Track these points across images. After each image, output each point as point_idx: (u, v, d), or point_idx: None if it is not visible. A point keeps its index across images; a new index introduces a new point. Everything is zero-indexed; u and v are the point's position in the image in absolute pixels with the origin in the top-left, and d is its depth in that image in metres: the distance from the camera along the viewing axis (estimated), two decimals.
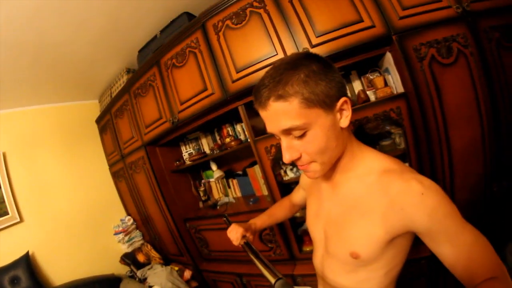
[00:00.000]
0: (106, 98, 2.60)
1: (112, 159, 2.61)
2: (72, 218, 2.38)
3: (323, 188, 0.73)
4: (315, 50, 1.27)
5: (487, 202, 1.28)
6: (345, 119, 0.57)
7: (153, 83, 1.87)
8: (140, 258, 2.36)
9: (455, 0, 1.17)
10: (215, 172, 2.13)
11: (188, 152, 2.22)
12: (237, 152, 1.85)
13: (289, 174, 1.60)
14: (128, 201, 2.63)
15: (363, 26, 1.21)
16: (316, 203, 0.78)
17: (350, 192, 0.64)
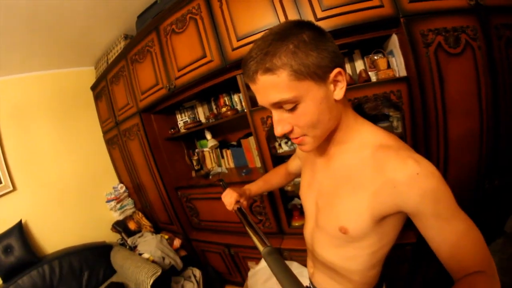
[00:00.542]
0: (102, 64, 2.53)
1: (106, 126, 2.59)
2: (65, 186, 2.38)
3: (318, 159, 0.72)
4: (319, 23, 1.23)
5: (478, 197, 1.30)
6: (339, 91, 0.53)
7: (151, 49, 1.82)
8: (131, 226, 2.39)
9: None
10: (210, 141, 2.13)
11: (183, 120, 2.21)
12: (233, 122, 1.84)
13: (283, 147, 1.60)
14: (121, 168, 2.64)
15: (371, 5, 1.17)
16: (309, 174, 0.77)
17: (343, 165, 0.62)
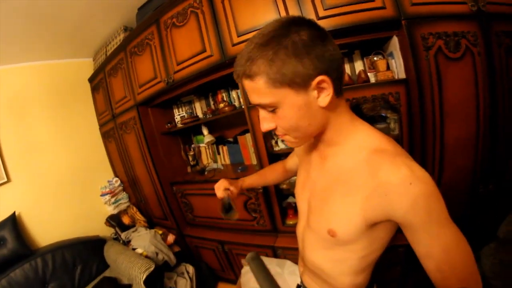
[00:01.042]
0: (101, 56, 2.49)
1: (103, 119, 2.56)
2: (59, 178, 2.36)
3: (313, 159, 0.72)
4: (321, 22, 1.23)
5: (472, 202, 1.31)
6: (324, 97, 0.52)
7: (150, 41, 1.81)
8: (125, 220, 2.36)
9: None
10: (206, 136, 2.12)
11: (180, 115, 2.19)
12: (230, 118, 1.84)
13: (280, 145, 1.60)
14: (116, 162, 2.61)
15: (373, 6, 1.17)
16: (305, 173, 0.77)
17: (337, 167, 0.62)
